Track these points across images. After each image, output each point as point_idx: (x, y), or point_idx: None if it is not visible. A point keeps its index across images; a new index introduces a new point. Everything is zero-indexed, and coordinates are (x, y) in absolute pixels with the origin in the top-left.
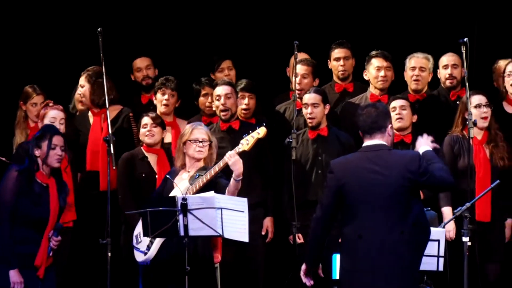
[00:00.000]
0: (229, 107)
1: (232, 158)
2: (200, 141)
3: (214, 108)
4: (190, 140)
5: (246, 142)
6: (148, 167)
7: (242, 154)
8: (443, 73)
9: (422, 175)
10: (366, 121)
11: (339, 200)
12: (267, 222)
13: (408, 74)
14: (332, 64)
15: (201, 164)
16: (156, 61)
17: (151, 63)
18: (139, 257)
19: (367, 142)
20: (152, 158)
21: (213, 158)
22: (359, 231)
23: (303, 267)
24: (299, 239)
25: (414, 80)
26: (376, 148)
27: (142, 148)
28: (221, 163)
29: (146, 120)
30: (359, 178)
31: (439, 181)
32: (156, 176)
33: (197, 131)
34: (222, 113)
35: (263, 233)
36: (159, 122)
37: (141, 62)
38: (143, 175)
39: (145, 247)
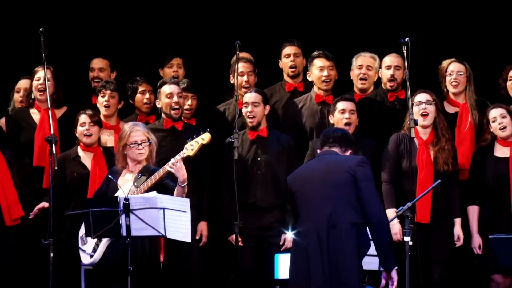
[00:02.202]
0: (182, 105)
1: (175, 166)
2: (139, 144)
3: (163, 105)
4: (128, 144)
5: (191, 148)
6: (80, 166)
7: (189, 158)
8: (385, 74)
9: (357, 172)
10: (333, 134)
11: (294, 207)
12: (201, 226)
13: (355, 73)
14: (283, 61)
15: (143, 163)
16: (115, 63)
17: (106, 66)
18: (85, 259)
19: (324, 149)
20: (87, 157)
21: (153, 156)
22: (299, 227)
23: None
24: (233, 240)
25: (361, 79)
26: (328, 153)
27: (78, 147)
28: (166, 167)
29: (83, 118)
30: (303, 180)
31: (370, 199)
32: (90, 175)
33: (135, 134)
34: (173, 111)
35: (197, 237)
36: (96, 120)
37: (96, 63)
38: (74, 173)
39: (91, 249)
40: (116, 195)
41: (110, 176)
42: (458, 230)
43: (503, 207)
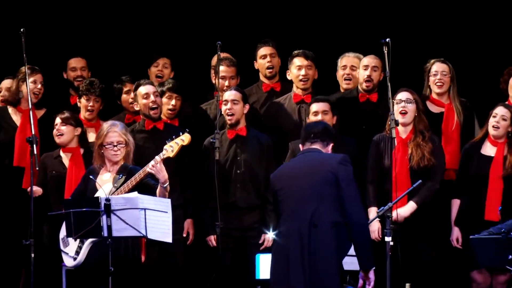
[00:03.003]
0: (160, 104)
1: (155, 168)
2: (114, 145)
3: (140, 107)
4: (104, 145)
5: (171, 149)
6: (60, 165)
7: (169, 159)
8: (362, 74)
9: (339, 171)
10: (313, 129)
11: (277, 205)
12: (188, 224)
13: (340, 74)
14: (259, 62)
15: (121, 162)
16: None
17: (86, 65)
18: (69, 262)
19: (306, 147)
20: (67, 157)
21: (131, 156)
22: (281, 225)
23: None
24: (211, 241)
25: (345, 79)
26: (311, 151)
27: (60, 148)
28: (146, 169)
29: (56, 120)
30: (285, 178)
31: (352, 200)
32: (67, 175)
33: (112, 134)
34: (151, 111)
35: (184, 235)
36: (70, 121)
37: (76, 62)
38: (53, 172)
39: (74, 252)
40: (96, 195)
41: (91, 177)
42: (402, 209)
43: (478, 206)
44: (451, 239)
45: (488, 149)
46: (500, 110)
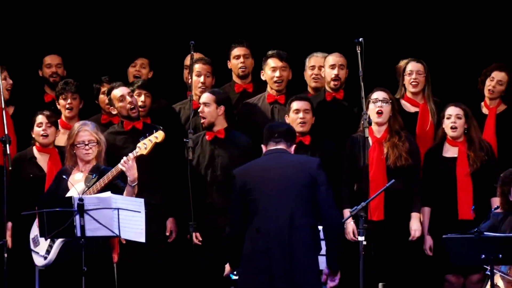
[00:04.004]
0: (136, 103)
1: (126, 164)
2: (86, 144)
3: (118, 110)
4: (75, 144)
5: (144, 146)
6: (36, 167)
7: (143, 157)
8: (328, 73)
9: (318, 176)
10: (278, 129)
11: (244, 204)
12: (170, 223)
13: (308, 73)
14: (232, 63)
15: (93, 162)
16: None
17: (61, 62)
18: (39, 261)
19: (271, 147)
20: (43, 158)
21: (102, 156)
22: (257, 225)
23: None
24: (196, 238)
25: (314, 79)
26: (279, 151)
27: (34, 147)
28: (118, 166)
29: (40, 119)
30: (257, 178)
31: (328, 205)
32: (46, 177)
33: (83, 133)
34: (130, 112)
35: (167, 233)
36: (53, 121)
37: (51, 59)
38: (31, 175)
39: (44, 251)
40: (68, 194)
41: (64, 176)
42: (413, 223)
43: (451, 208)
44: (424, 248)
45: (449, 151)
46: (453, 110)
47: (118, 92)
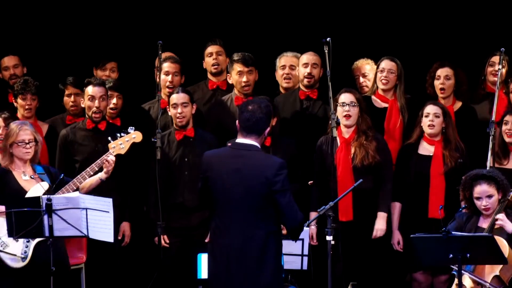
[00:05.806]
0: (103, 108)
1: (108, 162)
2: (27, 143)
3: (85, 105)
4: (16, 143)
5: (121, 146)
6: None
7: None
8: (302, 72)
9: (275, 184)
10: (248, 120)
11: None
12: (124, 227)
13: (279, 74)
14: (206, 60)
15: (29, 162)
16: (25, 59)
17: (19, 62)
18: (15, 262)
19: (240, 140)
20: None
21: (38, 155)
22: (217, 229)
23: None
24: (164, 241)
25: (285, 79)
26: (247, 148)
27: None
28: (98, 161)
29: None
30: (221, 174)
31: (289, 207)
32: None
33: (23, 133)
34: (94, 115)
35: (119, 237)
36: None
37: (8, 61)
38: None
39: (21, 251)
40: (28, 194)
41: (25, 177)
42: (377, 223)
43: (422, 206)
44: (392, 242)
45: (425, 149)
46: (431, 109)
47: (90, 90)
